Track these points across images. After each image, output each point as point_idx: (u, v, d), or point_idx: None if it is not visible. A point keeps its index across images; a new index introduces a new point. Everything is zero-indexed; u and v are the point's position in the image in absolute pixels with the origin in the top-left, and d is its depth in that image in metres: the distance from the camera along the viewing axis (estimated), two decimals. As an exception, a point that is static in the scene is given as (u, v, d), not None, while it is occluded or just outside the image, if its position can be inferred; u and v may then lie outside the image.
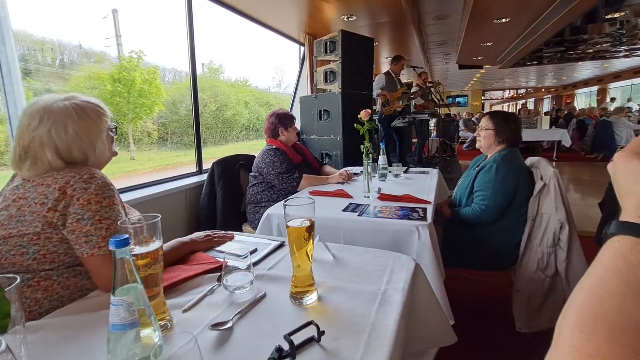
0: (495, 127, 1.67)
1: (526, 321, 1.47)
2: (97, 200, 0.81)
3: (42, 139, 0.83)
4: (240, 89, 7.48)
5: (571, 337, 0.26)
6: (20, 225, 0.78)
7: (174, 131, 6.26)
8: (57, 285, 0.80)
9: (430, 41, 5.85)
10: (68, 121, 0.86)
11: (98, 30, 5.51)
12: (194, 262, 0.96)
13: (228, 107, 6.77)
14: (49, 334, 0.66)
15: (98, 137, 0.91)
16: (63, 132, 0.85)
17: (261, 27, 3.68)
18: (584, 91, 16.79)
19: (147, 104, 5.55)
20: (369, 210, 1.48)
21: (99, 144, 0.92)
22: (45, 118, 0.84)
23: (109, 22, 5.71)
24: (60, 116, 0.85)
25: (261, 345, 0.61)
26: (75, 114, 0.87)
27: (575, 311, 0.28)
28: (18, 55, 1.74)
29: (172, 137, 6.16)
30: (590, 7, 3.94)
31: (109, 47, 5.94)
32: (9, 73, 1.76)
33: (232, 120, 7.00)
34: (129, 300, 0.50)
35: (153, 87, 5.54)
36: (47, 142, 0.83)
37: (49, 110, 0.85)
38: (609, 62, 9.93)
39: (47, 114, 0.85)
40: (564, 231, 1.41)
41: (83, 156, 0.89)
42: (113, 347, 0.50)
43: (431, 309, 0.89)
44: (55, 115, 0.85)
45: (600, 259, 0.30)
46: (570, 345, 0.26)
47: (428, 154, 5.59)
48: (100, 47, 5.67)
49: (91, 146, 0.90)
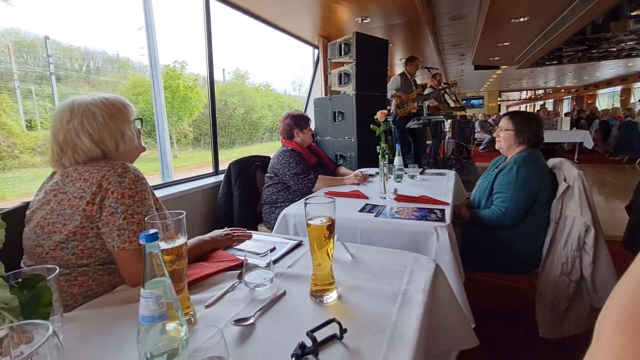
0: (515, 128, 1.63)
1: (550, 327, 1.42)
2: (130, 195, 0.84)
3: (76, 129, 0.89)
4: (264, 93, 8.05)
5: (613, 337, 0.26)
6: (62, 218, 0.82)
7: (206, 132, 6.81)
8: (92, 282, 0.83)
9: (445, 42, 5.78)
10: (97, 110, 0.91)
11: (133, 41, 6.11)
12: (215, 260, 0.97)
13: (255, 110, 7.33)
14: (81, 324, 0.69)
15: (125, 125, 0.96)
16: (94, 120, 0.90)
17: (276, 30, 3.72)
18: (607, 91, 16.19)
19: (189, 107, 6.28)
20: (386, 211, 1.47)
21: (127, 132, 0.96)
22: (76, 110, 0.90)
23: (143, 33, 6.45)
24: (89, 107, 0.91)
25: (283, 341, 0.62)
26: (102, 104, 0.92)
27: (617, 310, 0.27)
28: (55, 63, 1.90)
29: (204, 137, 6.80)
30: (613, 5, 3.81)
31: (143, 57, 6.70)
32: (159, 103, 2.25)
33: (257, 123, 7.50)
34: (158, 293, 0.52)
35: (194, 93, 6.23)
36: (81, 130, 0.89)
37: (78, 104, 0.91)
38: (633, 60, 9.55)
39: (77, 107, 0.90)
40: (589, 234, 1.36)
41: (114, 144, 0.93)
42: (142, 338, 0.51)
43: (452, 311, 0.88)
44: (84, 107, 0.90)
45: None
46: (613, 345, 0.25)
47: (443, 156, 5.51)
48: (136, 56, 6.18)
49: (120, 133, 0.94)
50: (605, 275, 1.36)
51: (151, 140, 6.16)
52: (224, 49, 2.64)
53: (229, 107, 7.22)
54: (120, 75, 5.91)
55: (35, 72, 4.05)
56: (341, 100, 3.39)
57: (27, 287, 0.40)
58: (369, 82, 3.40)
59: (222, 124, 7.16)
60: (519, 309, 1.81)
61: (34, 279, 0.41)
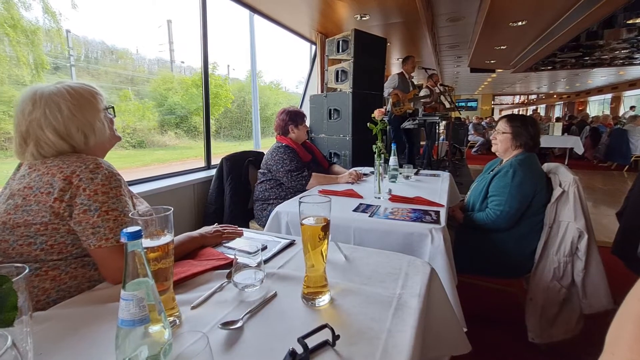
0: (512, 131, 1.63)
1: (539, 332, 1.42)
2: (103, 191, 0.79)
3: (39, 122, 0.82)
4: (275, 91, 8.88)
5: (631, 351, 0.25)
6: (27, 215, 0.76)
7: (225, 125, 8.12)
8: (65, 275, 0.78)
9: (443, 43, 5.78)
10: (60, 101, 0.84)
11: (153, 37, 6.90)
12: (203, 258, 0.94)
13: (268, 107, 8.10)
14: (56, 325, 0.64)
15: (95, 116, 0.89)
16: (57, 111, 0.83)
17: (274, 24, 3.66)
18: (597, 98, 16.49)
19: (219, 103, 7.27)
20: (380, 211, 1.45)
21: (97, 123, 0.89)
22: (38, 101, 0.83)
23: (164, 30, 7.39)
24: (52, 97, 0.84)
25: (273, 347, 0.59)
26: (67, 94, 0.85)
27: (636, 321, 0.26)
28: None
29: (223, 130, 7.84)
30: (610, 12, 3.85)
31: (162, 53, 7.60)
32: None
33: (270, 119, 8.49)
34: (140, 295, 0.48)
35: (223, 90, 7.33)
36: (44, 124, 0.82)
37: (40, 94, 0.84)
38: (625, 69, 9.73)
39: (39, 97, 0.83)
40: (582, 240, 1.36)
41: (83, 136, 0.87)
42: (122, 343, 0.48)
43: (446, 316, 0.86)
44: (47, 97, 0.84)
45: None
46: (632, 353, 0.24)
47: (437, 157, 5.52)
48: (154, 52, 7.20)
49: (89, 125, 0.88)
50: (596, 281, 1.37)
51: (180, 131, 6.61)
52: (239, 49, 2.70)
53: (247, 103, 8.06)
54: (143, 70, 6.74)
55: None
56: (337, 98, 3.35)
57: (-12, 289, 0.36)
58: (366, 80, 3.38)
59: (240, 119, 8.27)
60: (509, 312, 1.81)
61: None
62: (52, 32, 3.92)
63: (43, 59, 3.58)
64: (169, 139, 7.63)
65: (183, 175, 2.34)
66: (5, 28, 2.90)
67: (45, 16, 3.58)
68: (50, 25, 3.70)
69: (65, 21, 4.06)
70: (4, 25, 2.90)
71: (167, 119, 7.41)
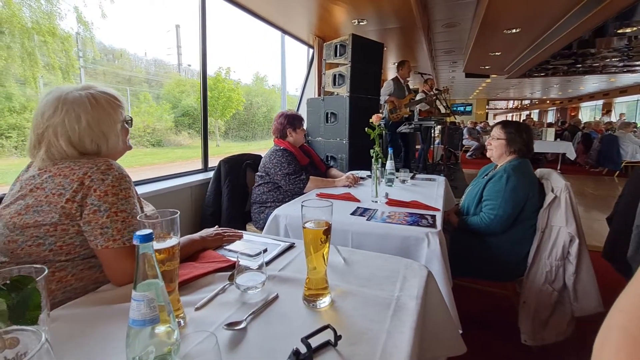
0: (507, 137, 1.67)
1: (532, 334, 1.45)
2: (113, 192, 0.81)
3: (55, 129, 0.83)
4: (277, 95, 9.44)
5: (617, 355, 0.26)
6: (37, 215, 0.77)
7: (234, 127, 8.72)
8: (72, 277, 0.80)
9: (438, 49, 5.86)
10: (81, 112, 0.85)
11: (163, 41, 7.39)
12: (204, 260, 0.95)
13: (275, 109, 8.64)
14: (63, 325, 0.65)
15: (111, 129, 0.91)
16: (76, 122, 0.85)
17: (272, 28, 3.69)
18: (589, 104, 16.79)
19: (232, 106, 7.98)
20: (377, 215, 1.48)
21: (111, 136, 0.91)
22: (60, 107, 0.84)
23: (172, 35, 7.98)
24: (74, 106, 0.85)
25: (276, 347, 0.61)
26: (89, 104, 0.87)
27: (620, 332, 0.27)
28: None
29: (232, 131, 8.48)
30: (601, 22, 3.95)
31: (170, 56, 8.15)
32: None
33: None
34: (151, 296, 0.50)
35: (235, 93, 8.05)
36: (60, 132, 0.84)
37: (64, 100, 0.85)
38: (615, 76, 9.94)
39: (62, 103, 0.85)
40: (573, 245, 1.40)
41: (95, 147, 0.89)
42: (132, 342, 0.50)
43: (442, 318, 0.89)
44: (69, 105, 0.85)
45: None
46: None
47: (432, 161, 5.58)
48: (162, 55, 7.45)
49: (103, 137, 0.89)
50: (586, 285, 1.41)
51: (193, 132, 6.85)
52: (245, 55, 2.76)
53: (254, 105, 8.66)
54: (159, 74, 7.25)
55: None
56: (334, 102, 3.38)
57: (15, 289, 0.38)
58: (363, 84, 3.41)
59: (247, 120, 8.75)
60: (503, 315, 1.85)
61: (22, 280, 0.39)
62: (86, 40, 4.25)
63: (74, 64, 3.85)
64: (183, 139, 8.10)
65: (180, 178, 2.35)
66: (46, 36, 3.12)
67: (79, 25, 3.93)
68: (84, 35, 4.07)
69: (96, 30, 4.48)
70: (45, 34, 3.13)
71: (180, 119, 7.81)
